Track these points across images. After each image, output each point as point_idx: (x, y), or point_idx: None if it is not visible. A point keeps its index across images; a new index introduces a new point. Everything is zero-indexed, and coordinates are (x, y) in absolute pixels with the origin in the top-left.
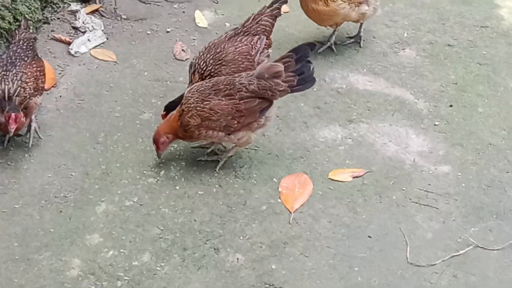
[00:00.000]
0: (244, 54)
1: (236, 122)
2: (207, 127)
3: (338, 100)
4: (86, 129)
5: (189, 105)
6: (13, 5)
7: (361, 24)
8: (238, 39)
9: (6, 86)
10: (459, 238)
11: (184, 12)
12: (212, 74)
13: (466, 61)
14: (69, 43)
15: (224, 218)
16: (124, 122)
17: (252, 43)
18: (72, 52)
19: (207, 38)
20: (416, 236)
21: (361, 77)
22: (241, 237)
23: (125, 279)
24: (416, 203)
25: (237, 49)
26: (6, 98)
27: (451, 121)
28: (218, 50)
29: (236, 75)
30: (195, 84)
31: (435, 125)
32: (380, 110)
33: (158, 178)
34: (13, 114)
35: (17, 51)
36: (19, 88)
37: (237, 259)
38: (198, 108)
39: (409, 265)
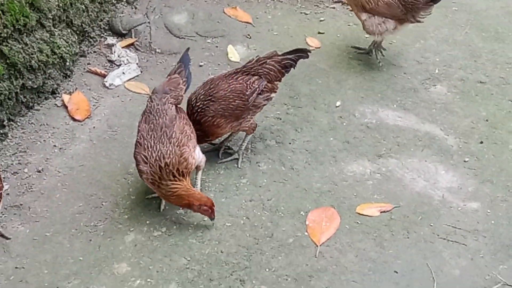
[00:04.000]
0: (237, 92)
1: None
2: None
3: (368, 135)
4: (118, 159)
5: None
6: (51, 39)
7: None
8: (234, 77)
9: None
10: (487, 276)
11: (217, 46)
12: (200, 110)
13: (498, 98)
14: (104, 76)
15: (251, 250)
16: None
17: (248, 82)
18: (107, 84)
19: None
20: (443, 273)
21: (391, 112)
22: (267, 270)
23: None
24: (444, 239)
25: (230, 87)
26: None
27: (481, 158)
28: (211, 86)
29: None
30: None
31: (465, 161)
32: (409, 145)
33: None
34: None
35: None
36: None
37: None
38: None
39: None
